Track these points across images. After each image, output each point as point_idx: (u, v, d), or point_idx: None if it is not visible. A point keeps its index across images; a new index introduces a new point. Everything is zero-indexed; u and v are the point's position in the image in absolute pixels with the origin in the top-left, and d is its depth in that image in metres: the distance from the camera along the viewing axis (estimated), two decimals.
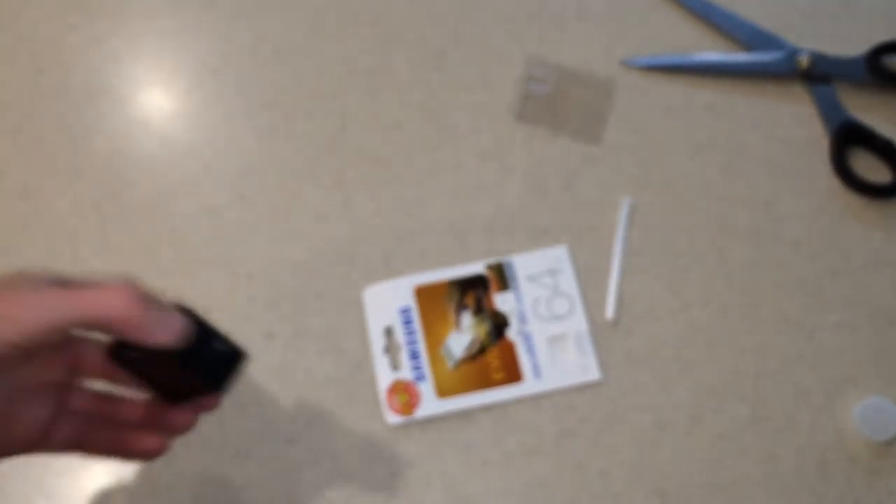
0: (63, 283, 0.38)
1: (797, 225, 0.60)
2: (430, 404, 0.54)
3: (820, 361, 0.56)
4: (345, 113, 0.62)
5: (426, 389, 0.54)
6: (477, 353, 0.55)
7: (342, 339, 0.56)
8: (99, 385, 0.44)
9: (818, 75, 0.63)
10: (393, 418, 0.54)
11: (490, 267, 0.58)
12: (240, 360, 0.42)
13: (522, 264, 0.58)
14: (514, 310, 0.56)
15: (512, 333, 0.56)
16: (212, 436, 0.54)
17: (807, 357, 0.56)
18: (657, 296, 0.58)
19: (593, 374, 0.55)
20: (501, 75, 0.63)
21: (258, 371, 0.55)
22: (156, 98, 0.64)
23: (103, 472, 0.53)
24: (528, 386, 0.55)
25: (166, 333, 0.37)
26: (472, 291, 0.57)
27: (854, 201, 0.60)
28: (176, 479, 0.53)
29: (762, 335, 0.57)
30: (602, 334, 0.56)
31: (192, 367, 0.40)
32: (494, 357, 0.55)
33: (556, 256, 0.58)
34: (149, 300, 0.37)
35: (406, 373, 0.55)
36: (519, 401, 0.55)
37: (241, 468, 0.53)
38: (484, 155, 0.61)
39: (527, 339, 0.56)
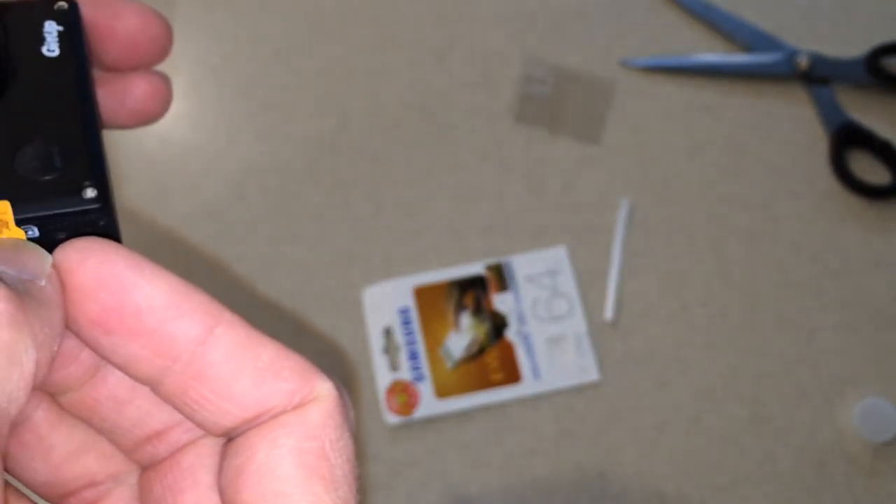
0: None
1: (796, 226, 0.60)
2: (429, 405, 0.54)
3: (819, 362, 0.56)
4: (345, 113, 0.63)
5: (425, 390, 0.54)
6: (476, 354, 0.55)
7: (341, 339, 0.56)
8: None
9: (817, 77, 0.63)
10: (392, 418, 0.54)
11: (489, 267, 0.58)
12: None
13: (521, 265, 0.58)
14: (513, 310, 0.56)
15: (511, 334, 0.56)
16: None
17: (806, 358, 0.56)
18: (656, 296, 0.58)
19: (592, 374, 0.55)
20: (501, 76, 0.63)
21: None
22: None
23: None
24: (526, 386, 0.55)
25: None
26: (471, 292, 0.57)
27: (853, 202, 0.60)
28: None
29: (761, 336, 0.57)
30: (601, 335, 0.56)
31: None
32: (493, 358, 0.55)
33: (555, 257, 0.58)
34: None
35: (405, 373, 0.55)
36: (518, 401, 0.55)
37: None
38: (483, 155, 0.61)
39: (526, 339, 0.56)
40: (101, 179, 0.19)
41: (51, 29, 0.20)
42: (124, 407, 0.20)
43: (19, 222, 0.18)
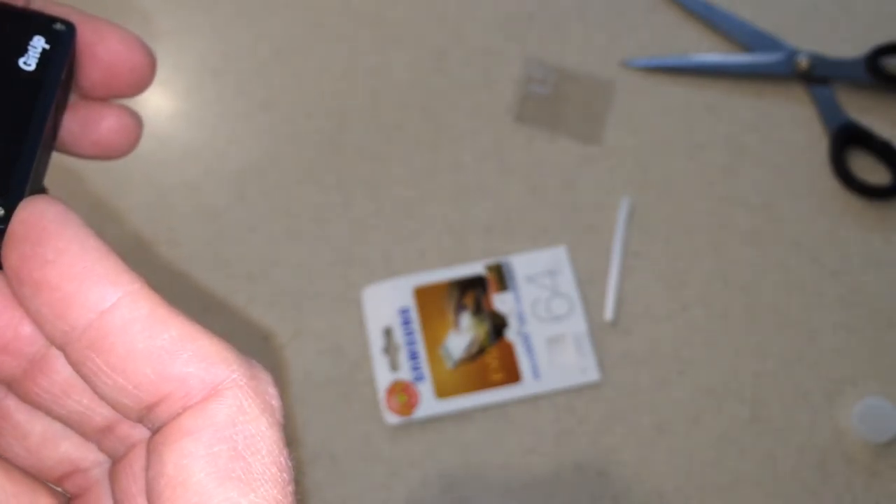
0: None
1: (796, 226, 0.60)
2: (429, 405, 0.54)
3: (819, 362, 0.56)
4: (345, 113, 0.63)
5: (425, 390, 0.54)
6: (476, 354, 0.55)
7: (341, 339, 0.56)
8: None
9: (817, 77, 0.63)
10: (392, 419, 0.54)
11: (489, 267, 0.58)
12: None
13: (521, 265, 0.58)
14: (513, 310, 0.56)
15: (511, 334, 0.56)
16: None
17: (806, 357, 0.56)
18: (656, 296, 0.58)
19: (592, 374, 0.55)
20: (501, 76, 0.63)
21: None
22: (156, 98, 0.64)
23: None
24: (526, 386, 0.55)
25: None
26: (471, 292, 0.57)
27: (853, 202, 0.60)
28: None
29: (761, 336, 0.57)
30: (601, 335, 0.56)
31: None
32: (493, 358, 0.55)
33: (555, 257, 0.58)
34: None
35: (405, 373, 0.55)
36: (518, 401, 0.55)
37: None
38: (483, 155, 0.61)
39: (525, 339, 0.56)
40: (12, 202, 0.19)
41: (37, 44, 0.20)
42: (63, 400, 0.20)
43: None
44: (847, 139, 0.61)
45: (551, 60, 0.64)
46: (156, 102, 0.64)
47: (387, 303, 0.57)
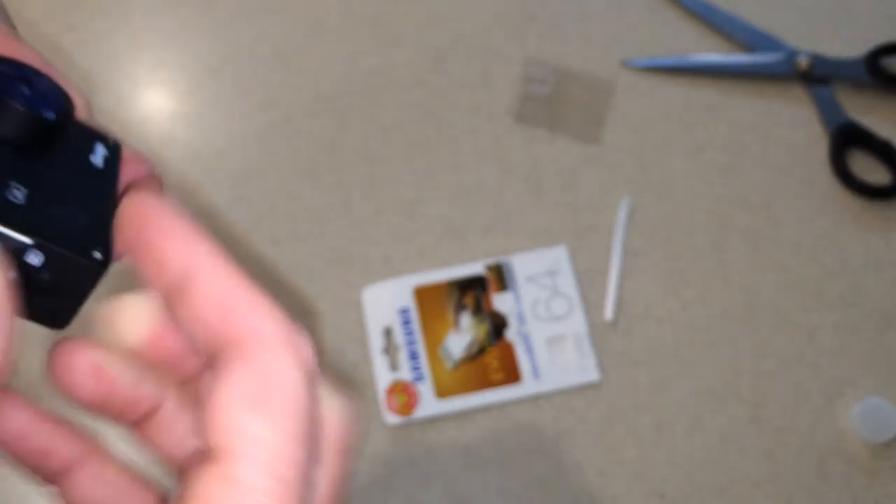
0: None
1: (796, 226, 0.60)
2: (429, 405, 0.54)
3: (819, 362, 0.56)
4: (345, 113, 0.63)
5: (425, 390, 0.54)
6: (476, 354, 0.55)
7: (341, 339, 0.56)
8: None
9: (817, 77, 0.63)
10: (392, 419, 0.54)
11: (489, 267, 0.58)
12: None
13: (521, 265, 0.58)
14: (513, 310, 0.56)
15: (511, 334, 0.56)
16: None
17: (806, 358, 0.56)
18: (656, 296, 0.58)
19: (592, 374, 0.55)
20: (501, 76, 0.63)
21: None
22: (156, 98, 0.64)
23: None
24: (526, 386, 0.55)
25: None
26: (471, 292, 0.57)
27: (853, 202, 0.60)
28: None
29: (761, 336, 0.57)
30: (601, 335, 0.56)
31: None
32: (493, 357, 0.55)
33: (555, 257, 0.58)
34: None
35: (405, 373, 0.55)
36: (518, 401, 0.55)
37: None
38: (483, 155, 0.61)
39: (526, 339, 0.56)
40: (108, 254, 0.23)
41: (99, 150, 0.26)
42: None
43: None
44: (847, 139, 0.61)
45: (551, 60, 0.64)
46: (156, 102, 0.64)
47: (387, 303, 0.57)
